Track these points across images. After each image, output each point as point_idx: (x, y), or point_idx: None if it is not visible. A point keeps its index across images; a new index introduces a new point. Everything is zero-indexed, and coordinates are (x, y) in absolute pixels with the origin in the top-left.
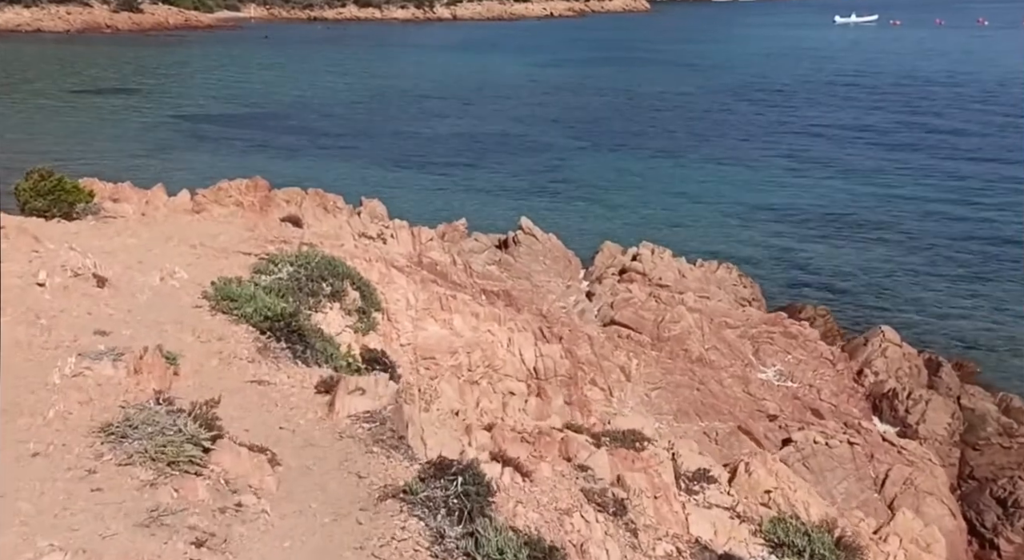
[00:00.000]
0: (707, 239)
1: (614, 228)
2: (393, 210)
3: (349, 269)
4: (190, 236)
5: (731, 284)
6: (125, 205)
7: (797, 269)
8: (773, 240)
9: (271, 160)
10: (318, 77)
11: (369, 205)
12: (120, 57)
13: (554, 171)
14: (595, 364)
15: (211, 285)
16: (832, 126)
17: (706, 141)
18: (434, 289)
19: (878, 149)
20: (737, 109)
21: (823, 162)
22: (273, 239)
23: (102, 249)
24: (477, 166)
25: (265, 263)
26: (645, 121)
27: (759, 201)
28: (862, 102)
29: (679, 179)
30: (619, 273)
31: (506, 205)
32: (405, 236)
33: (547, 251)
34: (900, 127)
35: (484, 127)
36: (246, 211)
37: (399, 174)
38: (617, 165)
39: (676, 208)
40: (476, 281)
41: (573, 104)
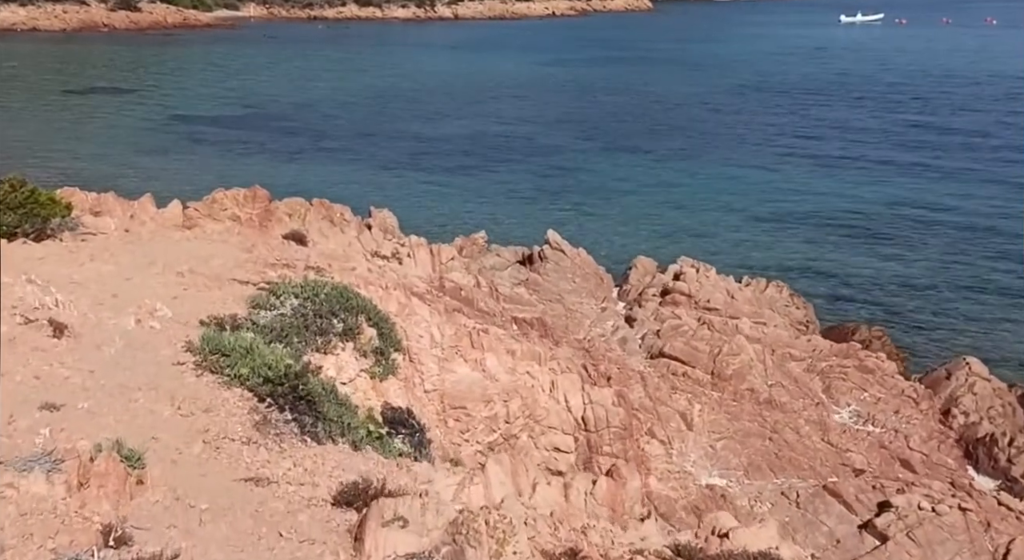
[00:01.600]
0: (734, 249)
1: (635, 238)
2: (401, 218)
3: (364, 301)
4: (178, 259)
5: (782, 305)
6: (107, 219)
7: (836, 281)
8: (806, 249)
9: (270, 163)
10: (319, 77)
11: (379, 216)
12: (117, 56)
13: (566, 175)
14: (651, 410)
15: (199, 329)
16: (850, 127)
17: (721, 143)
18: (461, 321)
19: (902, 151)
20: (749, 110)
21: (847, 165)
22: (275, 262)
23: (70, 279)
24: (485, 170)
25: (265, 295)
26: (656, 122)
27: (783, 207)
28: (878, 103)
29: (698, 183)
30: (661, 294)
31: (518, 211)
32: (423, 255)
33: (576, 268)
34: (921, 128)
35: (491, 128)
36: (244, 227)
37: (404, 178)
38: (632, 169)
39: (697, 214)
40: (505, 307)
41: (580, 105)
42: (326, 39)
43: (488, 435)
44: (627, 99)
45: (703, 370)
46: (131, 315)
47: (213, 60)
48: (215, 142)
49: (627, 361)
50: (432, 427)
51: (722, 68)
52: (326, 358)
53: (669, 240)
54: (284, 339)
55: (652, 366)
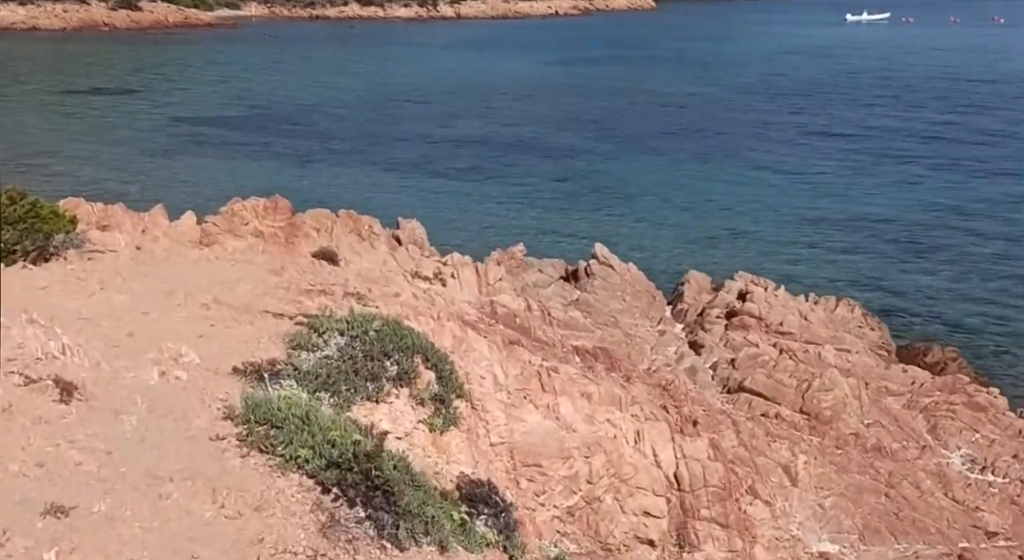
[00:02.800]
0: (772, 258)
1: (666, 246)
2: None
3: (419, 338)
4: (199, 286)
5: (855, 326)
6: (116, 234)
7: (884, 293)
8: (848, 257)
9: (280, 167)
10: (323, 77)
11: (407, 227)
12: (118, 56)
13: (586, 178)
14: (748, 462)
15: (233, 379)
16: (874, 128)
17: (742, 144)
18: (522, 356)
19: (934, 152)
20: (765, 109)
21: (877, 167)
22: (309, 287)
23: (78, 314)
24: (501, 173)
25: (306, 332)
26: (671, 123)
27: (816, 211)
28: (899, 102)
29: (724, 187)
30: (726, 316)
31: (539, 218)
32: (469, 275)
33: (626, 285)
34: (950, 127)
35: (502, 129)
36: (268, 244)
37: (418, 182)
38: (653, 172)
39: (728, 220)
40: (562, 334)
41: (591, 105)
42: (329, 39)
43: (567, 498)
44: (638, 99)
45: (790, 407)
46: (152, 364)
47: (215, 60)
48: (221, 144)
49: (708, 399)
50: (502, 489)
51: (731, 67)
52: (378, 408)
53: (702, 248)
54: (331, 387)
55: (732, 403)
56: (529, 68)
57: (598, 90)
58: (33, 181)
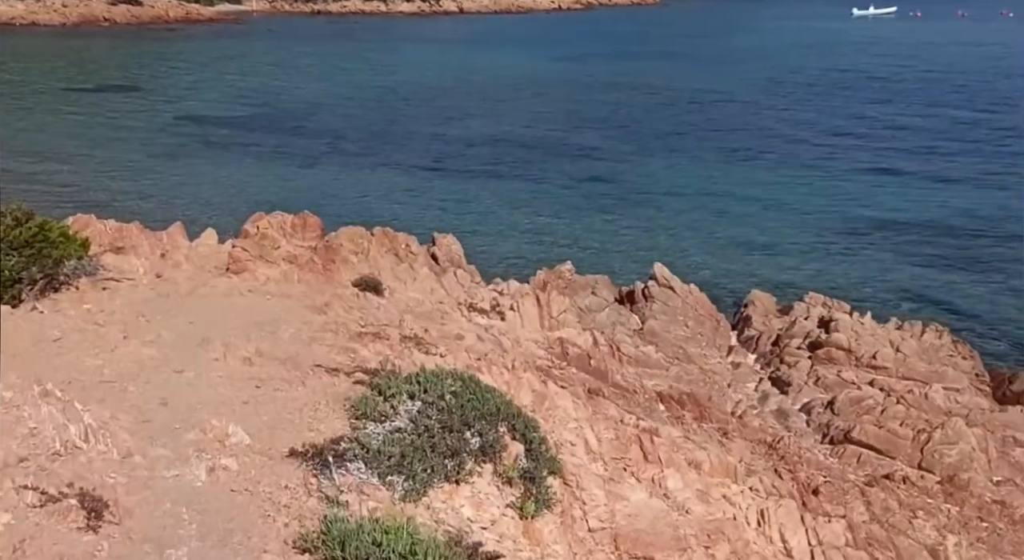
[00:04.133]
0: (814, 268)
1: (700, 255)
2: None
3: (501, 400)
4: (235, 329)
5: (946, 354)
6: (132, 259)
7: (943, 309)
8: (895, 268)
9: (290, 169)
10: (329, 74)
11: (443, 243)
12: (119, 52)
13: (608, 181)
14: (886, 544)
15: (292, 466)
16: (896, 126)
17: (763, 144)
18: (609, 411)
19: (963, 152)
20: (781, 107)
21: (907, 168)
22: (360, 330)
23: (100, 375)
24: (520, 175)
25: (370, 396)
26: (687, 121)
27: (853, 217)
28: (915, 99)
29: (753, 190)
30: (809, 347)
31: (564, 226)
32: (530, 308)
33: (688, 308)
34: (975, 127)
35: (515, 128)
36: (303, 271)
37: (434, 186)
38: (676, 174)
39: (764, 228)
40: (634, 372)
41: (605, 102)
42: (331, 34)
43: None
44: (651, 97)
45: (906, 462)
46: (195, 452)
47: (218, 56)
48: (228, 145)
49: (818, 457)
50: None
51: (741, 63)
52: (458, 490)
53: (739, 257)
54: (405, 469)
55: (837, 456)
56: (537, 64)
57: (609, 86)
58: (35, 189)
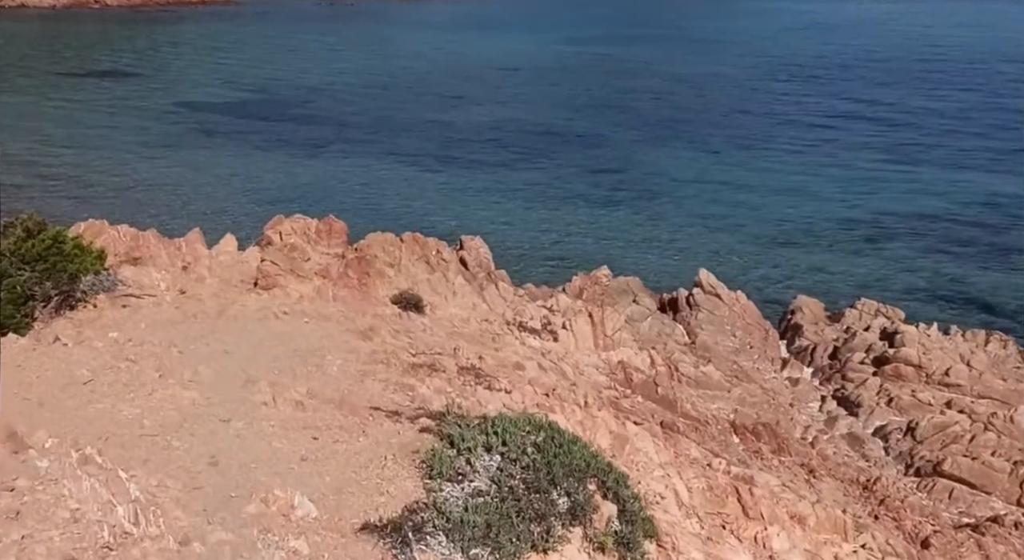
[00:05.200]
0: (840, 265)
1: (723, 250)
2: (452, 228)
3: (591, 453)
4: (277, 360)
5: (1013, 367)
6: (152, 272)
7: (979, 308)
8: (925, 262)
9: (295, 159)
10: (326, 59)
11: (471, 246)
12: (111, 36)
13: (620, 171)
14: None
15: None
16: (908, 110)
17: (776, 132)
18: (690, 451)
19: (982, 137)
20: (786, 92)
21: (923, 156)
22: (412, 359)
23: (140, 426)
24: (530, 165)
25: (441, 448)
26: (693, 107)
27: (873, 208)
28: (919, 82)
29: (770, 182)
30: (874, 362)
31: (578, 220)
32: (583, 326)
33: (736, 317)
34: (986, 112)
35: (520, 115)
36: (337, 286)
37: (444, 176)
38: (688, 163)
39: (785, 217)
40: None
41: (608, 87)
42: (326, 18)
43: None
44: (654, 81)
45: (1004, 499)
46: (261, 535)
47: (213, 40)
48: (228, 133)
49: (916, 496)
50: None
51: (742, 46)
52: None
53: (762, 252)
54: (491, 541)
55: (926, 490)
56: (534, 48)
57: (609, 70)
58: (37, 185)
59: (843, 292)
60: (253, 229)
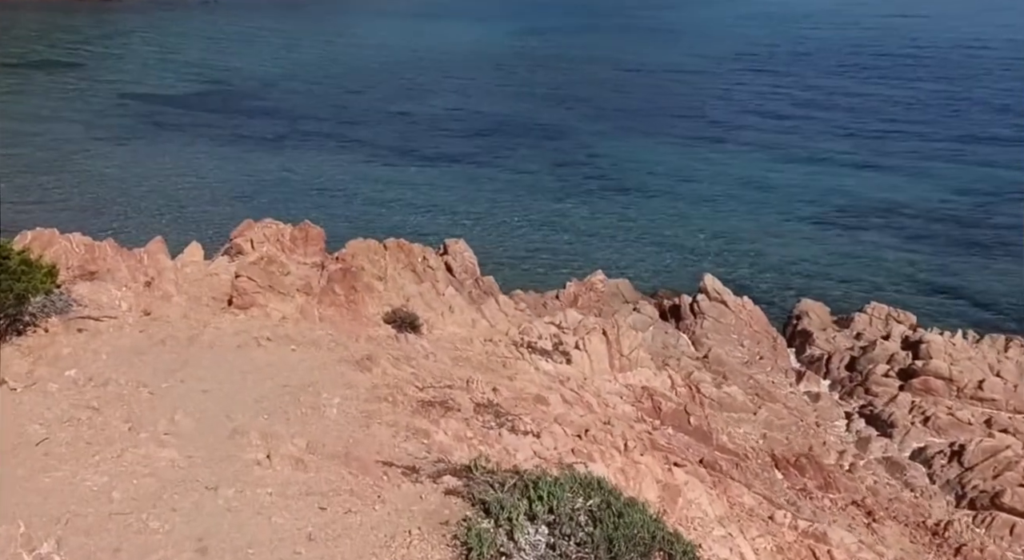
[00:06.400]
0: (822, 261)
1: (697, 249)
2: (418, 225)
3: (651, 520)
4: (265, 400)
5: None
6: (110, 287)
7: (970, 304)
8: (908, 257)
9: (253, 154)
10: (280, 50)
11: (455, 250)
12: (51, 26)
13: (588, 165)
14: None
15: None
16: (876, 98)
17: (744, 123)
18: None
19: (948, 125)
20: (754, 82)
21: (895, 147)
22: (420, 394)
23: (108, 501)
24: (498, 158)
25: (476, 520)
26: (660, 98)
27: (848, 201)
28: (889, 71)
29: (742, 174)
30: (900, 375)
31: (548, 216)
32: (598, 346)
33: (742, 325)
34: (957, 100)
35: (486, 107)
36: (322, 304)
37: (407, 171)
38: (657, 156)
39: (763, 211)
40: (726, 420)
41: (572, 79)
42: (277, 6)
43: None
44: (620, 73)
45: None
46: None
47: (161, 30)
48: (180, 126)
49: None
50: None
51: (707, 36)
52: None
53: (752, 254)
54: None
55: (983, 525)
56: (495, 38)
57: (574, 61)
58: None
59: (827, 288)
60: (217, 232)
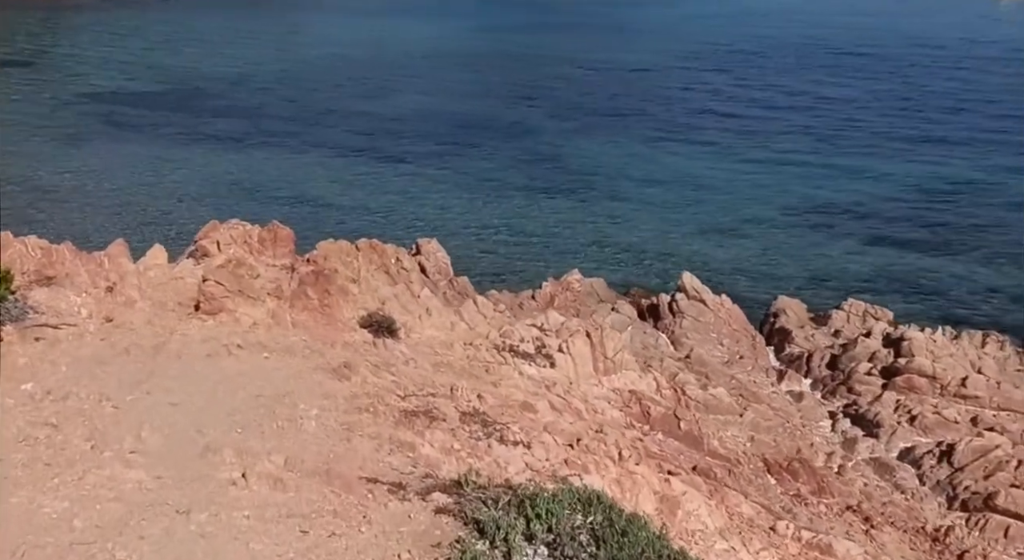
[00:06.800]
0: (786, 258)
1: (663, 244)
2: (384, 224)
3: (654, 536)
4: (238, 413)
5: (1013, 370)
6: (69, 294)
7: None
8: (870, 251)
9: (214, 153)
10: (239, 47)
11: (427, 250)
12: (2, 25)
13: (551, 162)
14: None
15: None
16: (836, 98)
17: (706, 121)
18: (741, 508)
19: (911, 123)
20: (716, 81)
21: (853, 144)
22: (402, 403)
23: (69, 529)
24: (461, 157)
25: (471, 544)
26: (624, 96)
27: (812, 197)
28: (846, 70)
29: (702, 168)
30: (882, 373)
31: (525, 212)
32: (582, 348)
33: (721, 323)
34: (911, 98)
35: (446, 105)
36: (295, 308)
37: (374, 170)
38: (622, 154)
39: (731, 208)
40: (714, 423)
41: (534, 77)
42: (234, 4)
43: None
44: (581, 70)
45: None
46: None
47: (115, 28)
48: (140, 126)
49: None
50: None
51: (665, 34)
52: None
53: (708, 246)
54: None
55: (978, 528)
56: (454, 35)
57: (536, 60)
58: None
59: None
60: (180, 234)
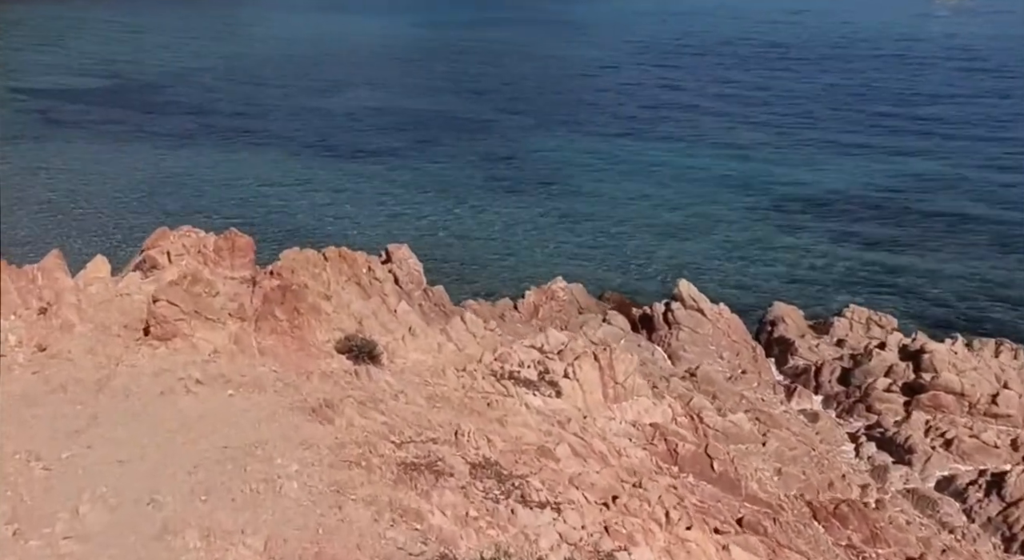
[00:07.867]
0: (759, 259)
1: (627, 244)
2: (339, 227)
3: None
4: (200, 470)
5: None
6: None
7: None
8: (851, 251)
9: (159, 152)
10: (182, 43)
11: (398, 257)
12: None
13: (511, 160)
14: None
15: None
16: (795, 91)
17: (663, 116)
18: None
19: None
20: (670, 76)
21: (814, 137)
22: (400, 454)
23: None
24: (418, 155)
25: None
26: (579, 92)
27: (780, 193)
28: (795, 64)
29: (667, 166)
30: (904, 390)
31: (490, 213)
32: (590, 373)
33: (720, 334)
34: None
35: (401, 101)
36: (260, 331)
37: (327, 168)
38: (581, 151)
39: (690, 209)
40: (736, 453)
41: (486, 72)
42: None
43: None
44: (533, 65)
45: None
46: None
47: (53, 23)
48: (80, 123)
49: None
50: None
51: (617, 29)
52: None
53: (672, 246)
54: None
55: None
56: (403, 30)
57: (486, 55)
58: None
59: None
60: (125, 241)
